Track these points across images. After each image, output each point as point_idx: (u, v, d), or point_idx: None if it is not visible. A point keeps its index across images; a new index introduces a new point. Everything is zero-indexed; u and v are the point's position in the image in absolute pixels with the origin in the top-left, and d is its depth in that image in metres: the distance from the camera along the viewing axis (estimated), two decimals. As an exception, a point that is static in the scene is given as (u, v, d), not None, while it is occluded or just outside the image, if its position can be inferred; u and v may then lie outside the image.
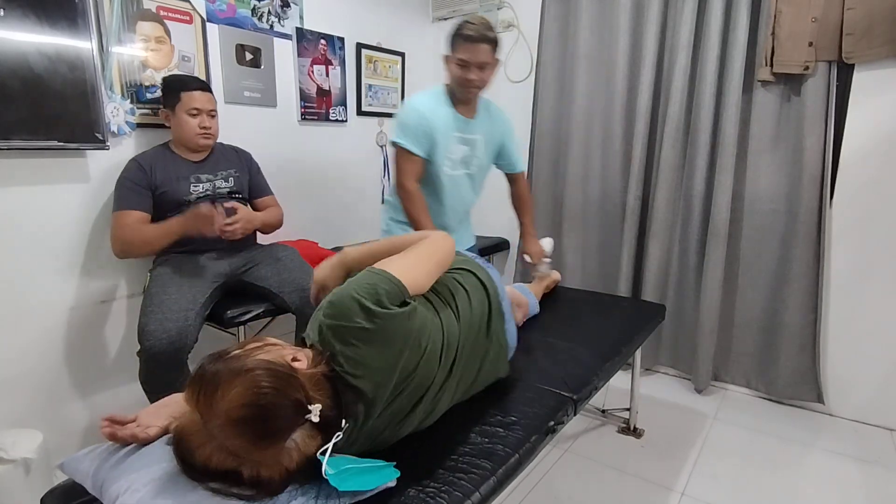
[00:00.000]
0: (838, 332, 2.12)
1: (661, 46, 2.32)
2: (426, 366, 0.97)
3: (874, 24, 1.85)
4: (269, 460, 0.77)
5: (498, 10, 2.80)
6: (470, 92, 1.71)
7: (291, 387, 0.78)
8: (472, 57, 1.63)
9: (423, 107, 1.71)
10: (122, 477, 0.83)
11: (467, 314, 1.13)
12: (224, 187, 1.88)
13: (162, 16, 1.91)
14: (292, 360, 0.84)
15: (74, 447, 1.82)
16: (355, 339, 0.88)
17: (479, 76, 1.67)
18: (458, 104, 1.76)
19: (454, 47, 1.65)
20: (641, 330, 1.78)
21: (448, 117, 1.74)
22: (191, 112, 1.77)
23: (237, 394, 0.74)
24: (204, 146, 1.85)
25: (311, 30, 2.45)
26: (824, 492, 1.70)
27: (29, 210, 1.67)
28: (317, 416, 0.79)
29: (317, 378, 0.84)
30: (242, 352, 0.84)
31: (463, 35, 1.62)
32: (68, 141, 1.66)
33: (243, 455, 0.75)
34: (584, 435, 2.03)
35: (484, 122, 1.85)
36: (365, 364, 0.88)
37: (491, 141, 1.88)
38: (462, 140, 1.78)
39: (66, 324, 1.79)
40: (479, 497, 0.90)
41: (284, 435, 0.77)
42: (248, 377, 0.76)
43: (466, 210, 1.99)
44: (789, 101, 2.08)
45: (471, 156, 1.83)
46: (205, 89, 1.82)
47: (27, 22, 1.51)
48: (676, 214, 2.37)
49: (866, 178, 1.99)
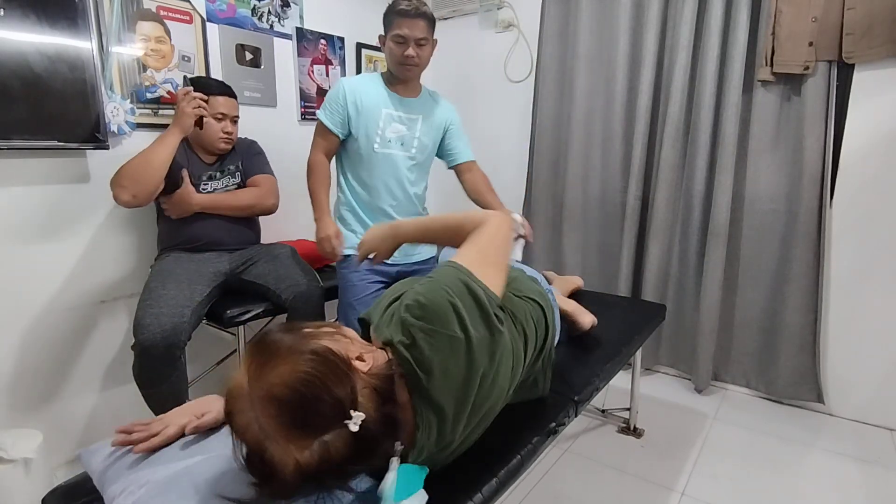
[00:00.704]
0: (838, 332, 2.12)
1: (661, 46, 2.32)
2: (502, 390, 0.91)
3: (874, 23, 1.85)
4: (291, 453, 0.70)
5: (498, 10, 2.80)
6: (409, 70, 1.68)
7: (341, 384, 0.72)
8: (409, 32, 1.60)
9: (351, 82, 1.72)
10: (120, 478, 0.82)
11: (533, 341, 1.06)
12: (231, 185, 1.90)
13: (162, 16, 1.91)
14: (357, 357, 0.78)
15: (74, 447, 1.82)
16: (446, 346, 0.81)
17: (418, 52, 1.64)
18: (395, 84, 1.74)
19: (390, 25, 1.64)
20: (642, 330, 1.78)
21: (380, 94, 1.72)
22: (216, 116, 1.79)
23: (284, 371, 0.70)
24: (224, 150, 1.87)
25: (311, 30, 2.45)
26: (824, 492, 1.70)
27: (29, 210, 1.67)
28: (356, 425, 0.71)
29: (373, 387, 0.77)
30: (312, 331, 0.79)
31: (398, 11, 1.60)
32: (68, 141, 1.66)
33: (274, 437, 0.69)
34: (584, 435, 2.04)
35: (426, 103, 1.81)
36: (449, 375, 0.81)
37: (433, 125, 1.83)
38: (398, 119, 1.74)
39: (67, 323, 1.79)
40: (482, 498, 0.90)
41: (316, 432, 0.70)
42: (301, 358, 0.72)
43: (409, 196, 1.84)
44: (789, 100, 2.08)
45: (410, 136, 1.77)
46: (230, 94, 1.85)
47: (27, 22, 1.51)
48: (676, 214, 2.37)
49: (866, 177, 1.99)
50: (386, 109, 1.72)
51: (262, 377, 0.70)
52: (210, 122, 1.78)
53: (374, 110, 1.70)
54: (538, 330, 1.10)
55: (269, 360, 0.71)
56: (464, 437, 0.89)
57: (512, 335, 0.95)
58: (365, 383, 0.75)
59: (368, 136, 1.72)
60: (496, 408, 0.94)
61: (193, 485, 0.79)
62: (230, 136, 1.85)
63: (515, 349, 0.96)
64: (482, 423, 0.93)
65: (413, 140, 1.78)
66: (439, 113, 1.84)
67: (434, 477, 0.90)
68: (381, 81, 1.74)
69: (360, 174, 1.78)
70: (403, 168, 1.79)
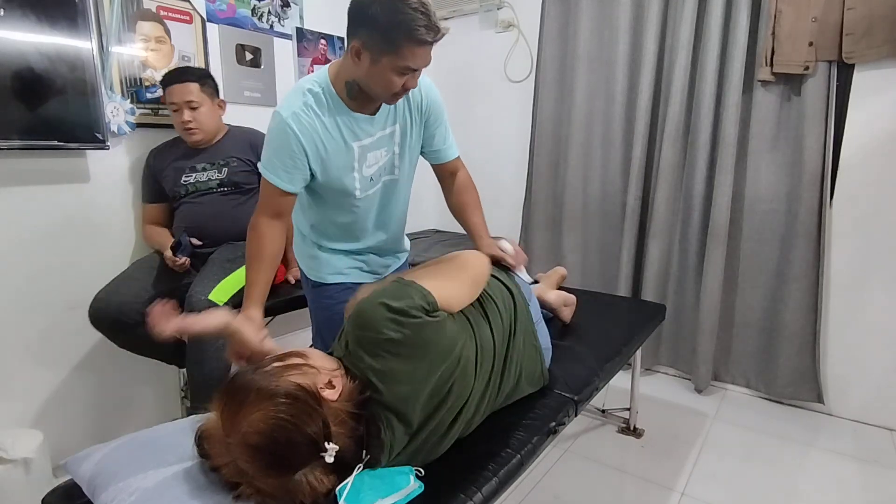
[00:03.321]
0: (838, 332, 2.12)
1: (661, 46, 2.32)
2: (462, 380, 0.94)
3: (874, 24, 1.85)
4: (277, 490, 0.76)
5: (498, 10, 2.80)
6: (396, 100, 1.24)
7: (312, 422, 0.76)
8: (422, 63, 1.14)
9: (298, 121, 1.18)
10: (110, 486, 0.82)
11: (498, 321, 1.09)
12: (214, 179, 1.83)
13: (162, 16, 1.91)
14: (327, 384, 0.82)
15: (75, 447, 1.81)
16: (384, 350, 0.85)
17: (418, 78, 1.21)
18: (360, 101, 1.24)
19: (394, 48, 1.09)
20: (642, 330, 1.78)
21: (344, 126, 1.24)
22: (172, 108, 1.75)
23: (256, 419, 0.74)
24: (195, 142, 1.80)
25: (311, 30, 2.45)
26: (824, 491, 1.70)
27: (29, 210, 1.67)
28: (331, 457, 0.76)
29: (345, 414, 0.81)
30: (279, 367, 0.82)
31: (416, 38, 1.08)
32: (68, 141, 1.66)
33: (252, 478, 0.76)
34: (584, 435, 2.04)
35: (391, 107, 1.31)
36: (395, 377, 0.85)
37: (413, 118, 1.36)
38: (372, 144, 1.30)
39: (66, 324, 1.78)
40: (481, 498, 0.90)
41: (294, 469, 0.76)
42: (272, 403, 0.75)
43: (400, 222, 1.52)
44: (789, 100, 2.08)
45: (391, 156, 1.35)
46: (179, 80, 1.72)
47: (27, 22, 1.51)
48: (676, 214, 2.37)
49: (866, 177, 1.99)
50: (357, 143, 1.26)
51: (236, 425, 0.75)
52: (172, 116, 1.76)
53: (342, 155, 1.25)
54: (501, 296, 1.15)
55: (240, 406, 0.75)
56: (440, 417, 0.92)
57: (462, 325, 0.99)
58: (336, 412, 0.80)
59: (345, 189, 1.30)
60: (468, 381, 0.96)
61: (184, 491, 0.79)
62: (189, 125, 1.74)
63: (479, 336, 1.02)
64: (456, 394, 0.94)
65: (395, 158, 1.37)
66: (415, 103, 1.35)
67: (434, 476, 0.91)
68: (337, 102, 1.22)
69: (333, 218, 1.38)
70: (391, 194, 1.41)
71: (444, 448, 0.97)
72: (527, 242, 2.82)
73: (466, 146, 3.00)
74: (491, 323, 1.06)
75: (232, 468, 0.76)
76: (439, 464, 0.96)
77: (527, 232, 2.82)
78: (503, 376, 1.09)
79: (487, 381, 1.02)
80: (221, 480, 0.79)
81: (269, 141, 1.21)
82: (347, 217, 1.37)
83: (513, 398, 1.18)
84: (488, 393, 1.03)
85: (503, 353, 1.08)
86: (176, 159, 1.81)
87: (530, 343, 1.20)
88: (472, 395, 0.98)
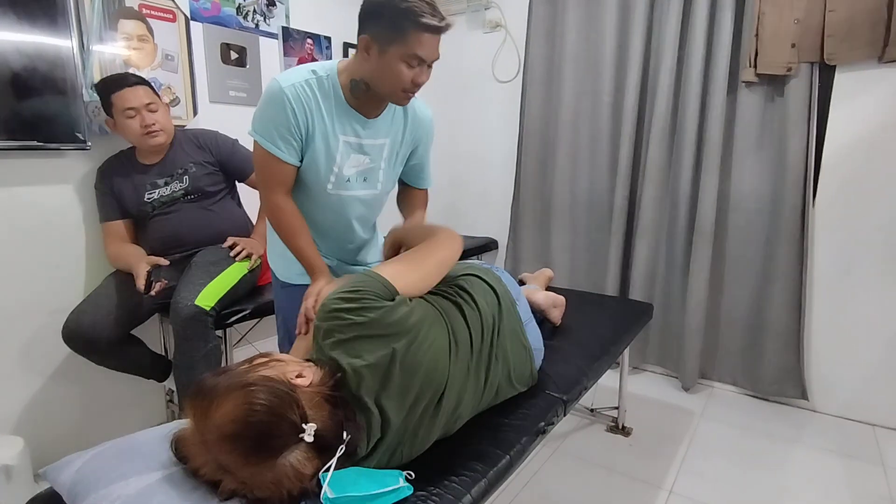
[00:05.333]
0: (822, 330, 2.15)
1: (647, 47, 2.34)
2: (434, 362, 0.95)
3: (855, 26, 1.88)
4: (261, 479, 0.75)
5: (485, 11, 2.80)
6: (409, 99, 1.22)
7: (286, 405, 0.76)
8: (430, 53, 1.14)
9: (294, 89, 1.16)
10: (91, 493, 0.80)
11: (475, 315, 1.09)
12: (178, 190, 1.78)
13: (144, 14, 1.88)
14: (297, 376, 0.83)
15: (56, 453, 1.77)
16: (344, 334, 0.87)
17: (428, 76, 1.20)
18: (363, 101, 1.23)
19: (401, 37, 1.09)
20: (629, 329, 1.79)
21: (338, 115, 1.22)
22: (127, 114, 1.65)
23: (229, 409, 0.74)
24: (156, 145, 1.72)
25: (298, 29, 2.43)
26: (809, 486, 1.72)
27: (7, 211, 1.63)
28: (311, 435, 0.76)
29: (320, 397, 0.82)
30: (246, 367, 0.83)
31: (422, 23, 1.08)
32: (48, 141, 1.63)
33: (234, 471, 0.75)
34: (573, 434, 2.04)
35: (396, 119, 1.31)
36: (358, 356, 0.87)
37: (404, 145, 1.36)
38: (359, 147, 1.27)
39: (46, 328, 1.75)
40: (471, 499, 0.90)
41: (276, 453, 0.75)
42: (242, 393, 0.76)
43: (359, 245, 1.45)
44: (773, 101, 2.11)
45: (374, 169, 1.32)
46: (134, 84, 1.67)
47: (6, 19, 1.48)
48: (663, 214, 2.39)
49: (848, 177, 2.02)
50: (344, 137, 1.24)
51: (208, 421, 0.75)
52: (127, 123, 1.65)
53: (329, 140, 1.22)
54: (483, 293, 1.15)
55: (210, 403, 0.76)
56: (413, 396, 0.92)
57: (428, 308, 1.01)
58: (311, 396, 0.81)
59: (319, 173, 1.25)
60: (440, 365, 0.96)
61: (166, 498, 0.78)
62: (152, 128, 1.67)
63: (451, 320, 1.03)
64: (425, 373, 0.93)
65: (378, 172, 1.33)
66: (412, 129, 1.35)
67: (423, 478, 0.90)
68: (337, 93, 1.21)
69: (304, 210, 1.32)
70: (362, 208, 1.36)
71: (430, 440, 0.97)
72: (515, 242, 2.83)
73: (454, 147, 3.02)
74: (465, 314, 1.08)
75: (212, 466, 0.76)
76: (428, 465, 0.95)
77: (515, 232, 2.83)
78: (488, 371, 1.09)
79: (467, 372, 1.03)
80: (202, 482, 0.78)
81: (263, 109, 1.19)
82: (318, 212, 1.33)
83: (502, 397, 1.18)
84: (469, 384, 1.04)
85: (487, 349, 1.09)
86: (132, 176, 1.74)
87: (518, 342, 1.20)
88: (451, 382, 0.98)
